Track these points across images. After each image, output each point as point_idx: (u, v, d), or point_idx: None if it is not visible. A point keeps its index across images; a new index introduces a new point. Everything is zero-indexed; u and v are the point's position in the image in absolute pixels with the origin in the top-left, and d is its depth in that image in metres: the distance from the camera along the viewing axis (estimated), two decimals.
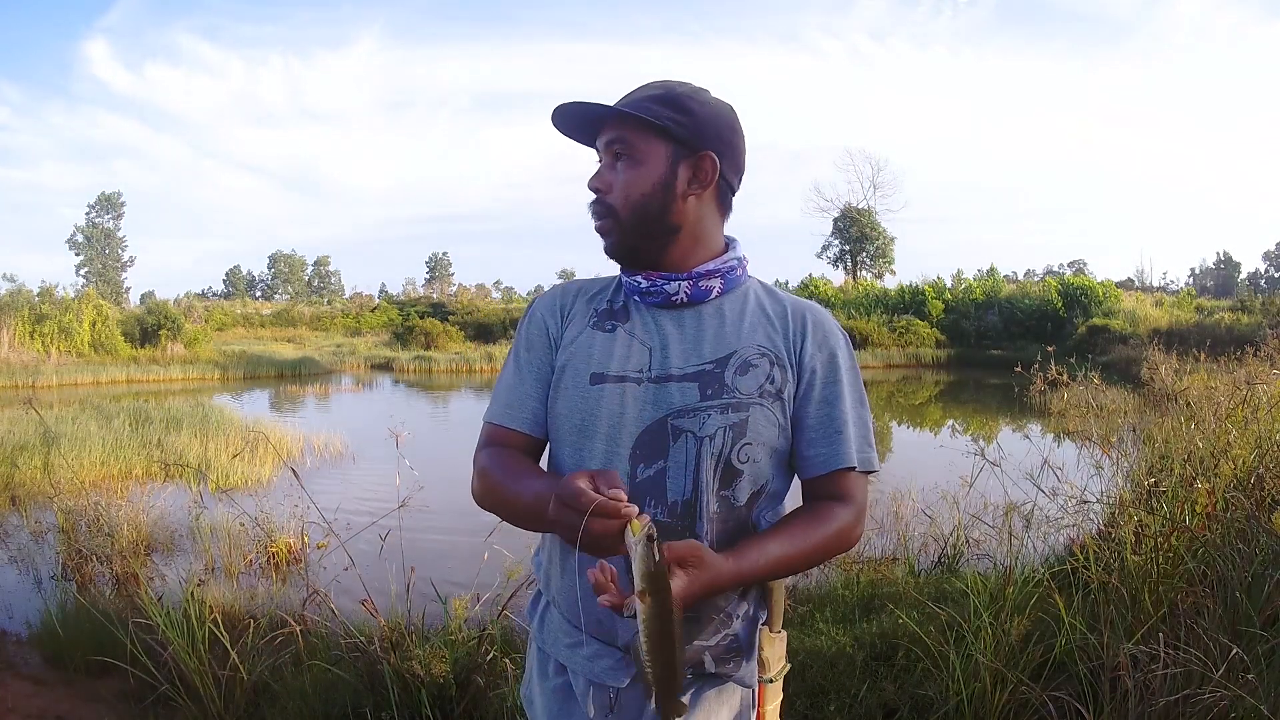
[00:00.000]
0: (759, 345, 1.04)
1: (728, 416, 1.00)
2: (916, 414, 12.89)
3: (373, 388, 17.42)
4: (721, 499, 1.01)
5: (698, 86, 1.07)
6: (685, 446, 1.00)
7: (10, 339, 18.38)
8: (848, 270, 36.64)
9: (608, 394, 1.02)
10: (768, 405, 1.02)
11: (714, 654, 1.03)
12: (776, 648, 1.09)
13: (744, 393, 1.01)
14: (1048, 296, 24.43)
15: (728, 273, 1.07)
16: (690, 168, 1.04)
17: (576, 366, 1.05)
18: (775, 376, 1.03)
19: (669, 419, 1.00)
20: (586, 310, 1.10)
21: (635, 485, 1.00)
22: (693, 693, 1.03)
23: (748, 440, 1.01)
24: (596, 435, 1.02)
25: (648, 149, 1.03)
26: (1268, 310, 20.48)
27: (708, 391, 1.01)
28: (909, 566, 3.89)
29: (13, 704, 2.72)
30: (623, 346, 1.05)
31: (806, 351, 1.05)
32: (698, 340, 1.04)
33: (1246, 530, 2.34)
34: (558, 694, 1.10)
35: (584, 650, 1.05)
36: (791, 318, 1.07)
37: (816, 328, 1.07)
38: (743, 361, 1.03)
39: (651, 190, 1.03)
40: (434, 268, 70.25)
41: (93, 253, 49.67)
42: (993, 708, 2.14)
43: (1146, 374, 9.50)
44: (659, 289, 1.05)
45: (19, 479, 6.07)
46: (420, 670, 2.29)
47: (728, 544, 0.99)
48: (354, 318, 35.15)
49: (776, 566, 0.99)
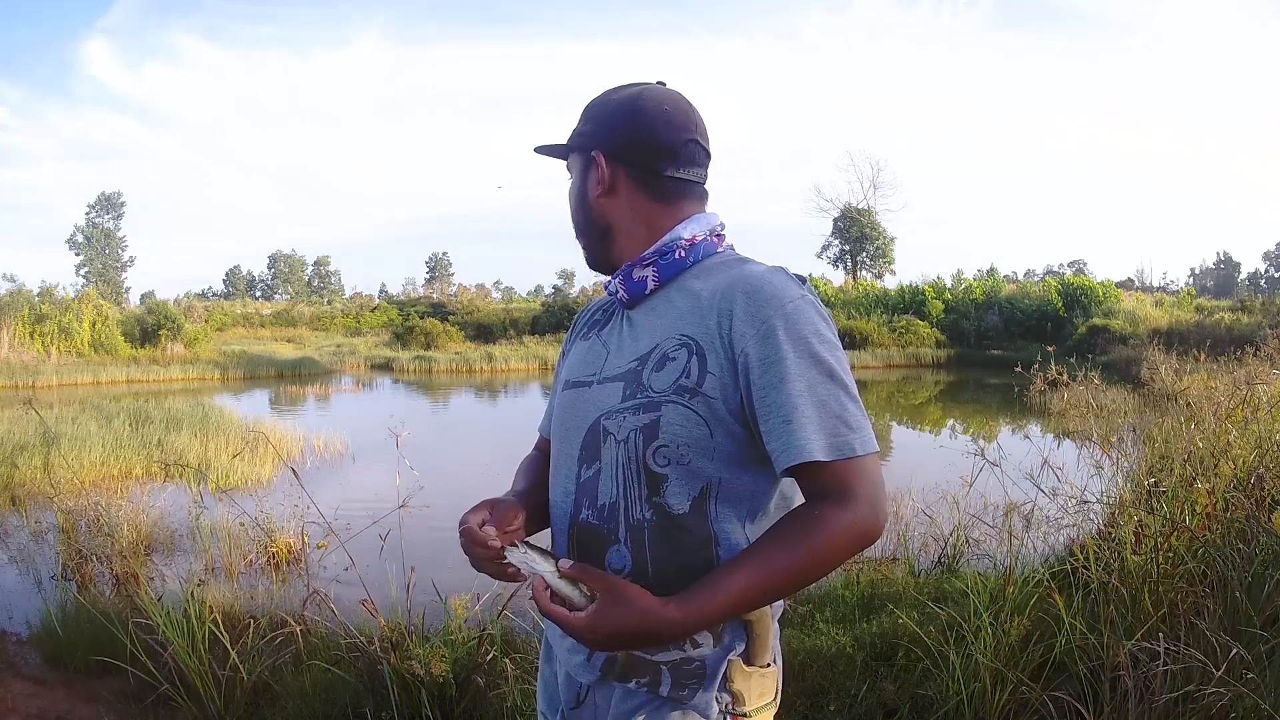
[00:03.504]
0: (681, 335, 0.95)
1: (640, 417, 0.94)
2: (916, 414, 12.89)
3: (373, 388, 17.42)
4: (655, 506, 0.94)
5: (626, 85, 1.07)
6: (611, 449, 0.98)
7: (10, 339, 18.39)
8: (848, 270, 36.66)
9: (568, 399, 1.06)
10: (684, 402, 0.92)
11: (672, 675, 0.95)
12: (754, 683, 0.96)
13: (657, 390, 0.94)
14: (1048, 296, 24.43)
15: (660, 258, 1.01)
16: (594, 169, 1.05)
17: (561, 377, 1.12)
18: (692, 370, 0.93)
19: (601, 419, 0.99)
20: (588, 321, 1.16)
21: (579, 486, 1.01)
22: (650, 712, 0.97)
23: (662, 442, 0.93)
24: (557, 439, 1.08)
25: (571, 166, 1.10)
26: (1268, 310, 20.48)
27: (627, 391, 0.97)
28: (909, 566, 3.89)
29: (13, 704, 2.72)
30: (590, 352, 1.08)
31: (736, 333, 0.91)
32: (636, 336, 1.02)
33: (1246, 530, 2.35)
34: (553, 680, 1.13)
35: (566, 642, 1.05)
36: (722, 296, 0.93)
37: (749, 300, 0.91)
38: (661, 356, 0.96)
39: (576, 203, 1.09)
40: (434, 268, 70.22)
41: (93, 253, 49.65)
42: (993, 708, 2.14)
43: (1146, 374, 9.51)
44: (611, 291, 1.08)
45: (19, 479, 6.08)
46: (420, 670, 2.29)
47: (677, 557, 0.94)
48: (354, 318, 35.16)
49: (747, 599, 0.88)
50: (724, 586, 0.87)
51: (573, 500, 1.02)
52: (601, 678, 1.00)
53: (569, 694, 1.07)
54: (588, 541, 0.99)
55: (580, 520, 1.00)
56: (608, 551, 0.97)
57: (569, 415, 1.05)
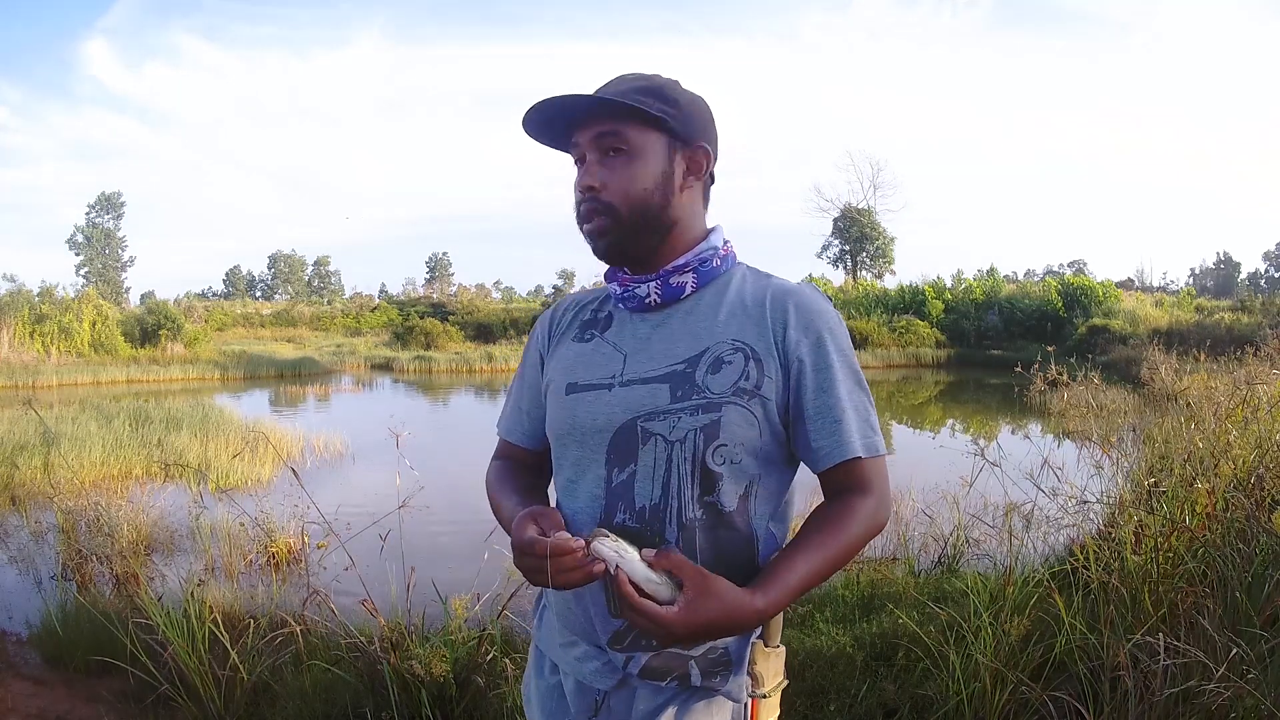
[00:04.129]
0: (733, 340, 0.99)
1: (699, 418, 0.96)
2: (916, 414, 12.89)
3: (373, 388, 17.42)
4: (706, 505, 0.97)
5: (670, 78, 1.05)
6: (654, 450, 0.97)
7: (10, 339, 18.38)
8: (848, 270, 36.65)
9: (581, 402, 1.02)
10: (743, 404, 0.96)
11: (701, 666, 0.99)
12: (772, 663, 1.03)
13: (715, 392, 0.96)
14: (1048, 297, 24.42)
15: (700, 265, 1.03)
16: (685, 160, 1.02)
17: (557, 379, 1.07)
18: (751, 373, 0.97)
19: (638, 422, 0.98)
20: (574, 322, 1.11)
21: (610, 490, 0.99)
22: (680, 704, 1.00)
23: (722, 442, 0.96)
24: (572, 444, 1.03)
25: (644, 142, 0.99)
26: (1268, 310, 20.47)
27: (678, 393, 0.97)
28: (909, 566, 3.89)
29: (13, 704, 2.72)
30: (596, 354, 1.04)
31: (790, 340, 0.98)
32: (672, 339, 1.01)
33: (1246, 530, 2.34)
34: (552, 693, 1.10)
35: (574, 650, 1.04)
36: (771, 305, 1.00)
37: (800, 312, 0.99)
38: (715, 359, 0.98)
39: (654, 185, 1.00)
40: (434, 268, 70.20)
41: (93, 253, 49.63)
42: (993, 708, 2.14)
43: (1146, 374, 9.52)
44: (631, 293, 1.04)
45: (19, 479, 6.07)
46: (420, 670, 2.29)
47: (723, 553, 0.97)
48: (354, 318, 35.14)
49: (804, 586, 0.95)
50: (792, 574, 0.93)
51: (602, 505, 1.00)
52: (621, 683, 1.01)
53: (583, 703, 1.04)
54: None
55: (615, 525, 0.98)
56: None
57: (584, 419, 1.02)
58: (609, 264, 1.07)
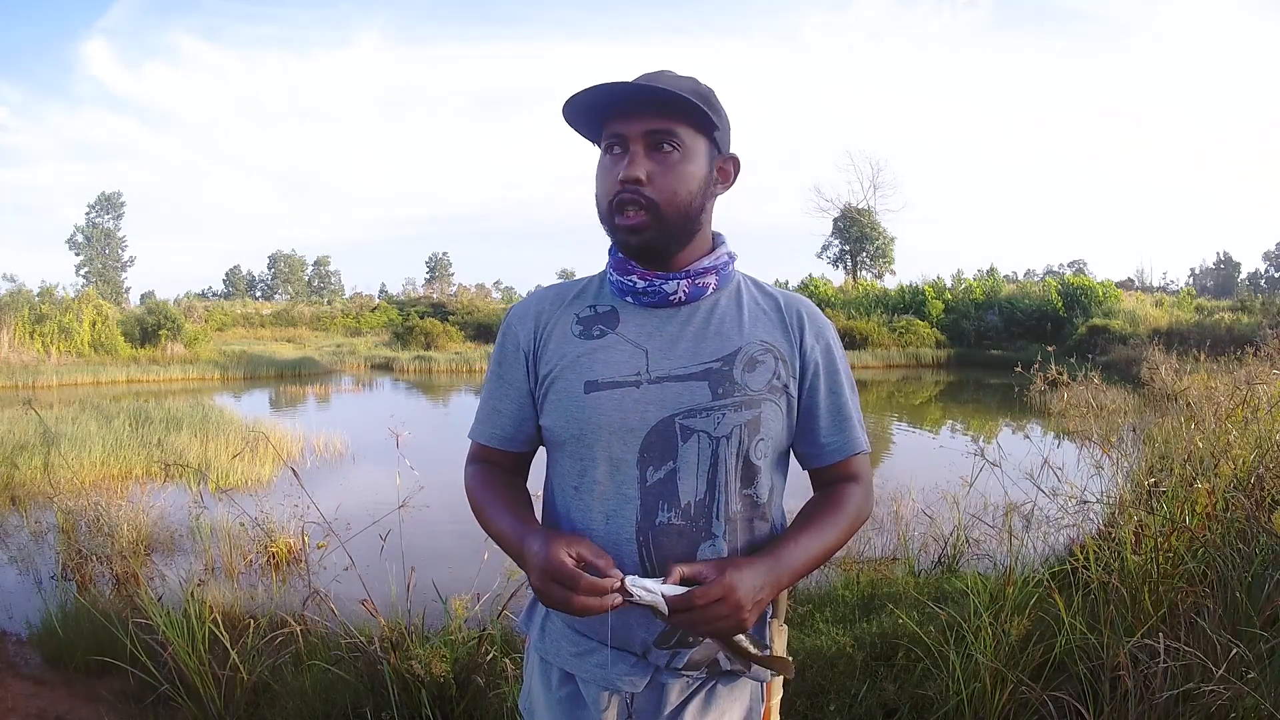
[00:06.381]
0: (762, 341, 1.04)
1: (742, 414, 1.00)
2: (916, 414, 12.89)
3: (373, 388, 17.41)
4: (745, 498, 1.02)
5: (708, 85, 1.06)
6: (697, 446, 0.99)
7: (10, 339, 18.37)
8: (848, 270, 36.63)
9: (604, 401, 1.00)
10: (776, 401, 1.03)
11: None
12: (780, 640, 1.11)
13: (754, 390, 1.02)
14: (1048, 296, 24.42)
15: (721, 269, 1.07)
16: (717, 168, 1.04)
17: (567, 377, 1.03)
18: (780, 372, 1.04)
19: (676, 419, 0.99)
20: (567, 317, 1.07)
21: (645, 489, 0.99)
22: (707, 691, 1.04)
23: (762, 436, 1.02)
24: (598, 444, 1.01)
25: (695, 145, 1.00)
26: (1268, 310, 20.47)
27: (719, 390, 1.00)
28: (909, 566, 3.89)
29: (13, 704, 2.72)
30: (615, 352, 1.02)
31: (807, 344, 1.06)
32: (699, 338, 1.02)
33: (1246, 530, 2.34)
34: (565, 704, 1.08)
35: (594, 657, 1.04)
36: (786, 311, 1.08)
37: (811, 320, 1.09)
38: (749, 358, 1.03)
39: (697, 189, 1.00)
40: (434, 268, 70.18)
41: (93, 253, 49.63)
42: (993, 708, 2.14)
43: (1146, 374, 9.52)
44: (656, 289, 1.02)
45: (19, 479, 6.07)
46: (420, 670, 2.29)
47: (757, 546, 1.03)
48: (354, 318, 35.13)
49: (816, 561, 1.01)
50: (806, 549, 1.00)
51: (637, 505, 0.99)
52: (649, 682, 1.03)
53: (618, 705, 1.04)
54: (670, 544, 0.99)
55: (659, 523, 0.99)
56: (699, 548, 1.00)
57: (611, 417, 0.99)
58: (633, 259, 1.03)
